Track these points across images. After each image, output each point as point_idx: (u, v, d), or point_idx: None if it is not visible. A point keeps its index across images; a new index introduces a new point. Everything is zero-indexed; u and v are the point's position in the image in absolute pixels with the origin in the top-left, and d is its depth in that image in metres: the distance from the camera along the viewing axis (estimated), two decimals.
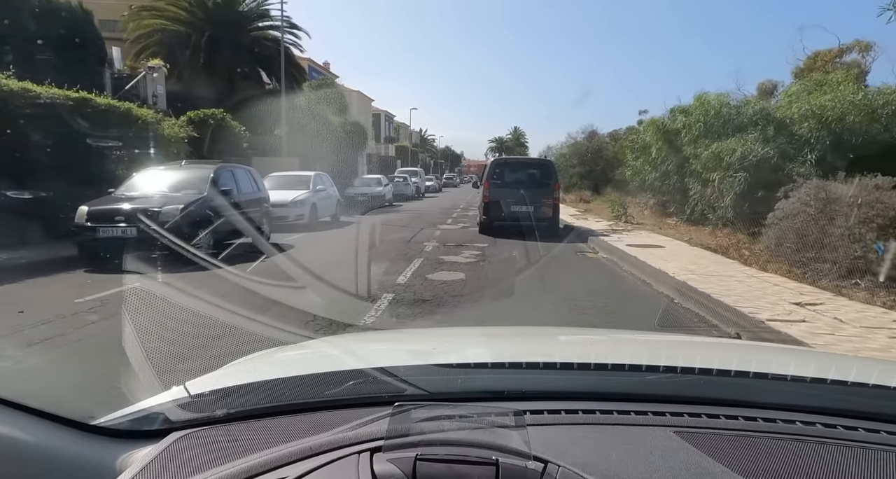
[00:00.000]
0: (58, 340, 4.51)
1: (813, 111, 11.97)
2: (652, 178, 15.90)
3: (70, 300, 5.86)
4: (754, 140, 12.08)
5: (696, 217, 14.15)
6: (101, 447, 0.96)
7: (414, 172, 38.98)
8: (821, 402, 1.07)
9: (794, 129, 12.38)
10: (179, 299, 4.94)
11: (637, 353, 1.49)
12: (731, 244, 10.79)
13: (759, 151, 11.49)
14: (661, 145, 14.81)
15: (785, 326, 5.19)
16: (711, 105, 13.71)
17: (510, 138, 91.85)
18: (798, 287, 7.10)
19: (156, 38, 23.70)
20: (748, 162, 11.50)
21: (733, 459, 0.87)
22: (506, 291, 6.98)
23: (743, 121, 13.25)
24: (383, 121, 60.19)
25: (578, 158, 36.41)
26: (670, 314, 6.08)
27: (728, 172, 11.67)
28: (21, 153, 9.50)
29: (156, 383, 1.85)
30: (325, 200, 16.17)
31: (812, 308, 5.97)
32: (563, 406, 1.02)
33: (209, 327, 4.03)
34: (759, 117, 13.03)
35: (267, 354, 1.58)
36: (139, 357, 2.42)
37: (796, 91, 13.21)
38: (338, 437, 0.89)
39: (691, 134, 13.60)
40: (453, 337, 1.97)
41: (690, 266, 8.36)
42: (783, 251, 8.91)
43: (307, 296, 5.94)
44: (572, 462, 0.81)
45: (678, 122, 14.30)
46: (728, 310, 5.76)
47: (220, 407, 1.03)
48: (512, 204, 13.13)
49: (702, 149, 12.92)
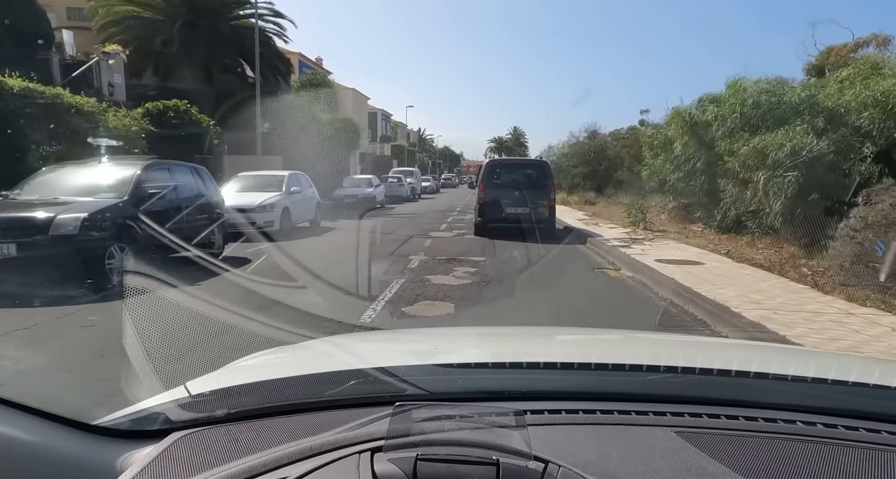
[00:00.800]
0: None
1: (875, 98, 9.97)
2: (674, 178, 13.89)
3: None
4: (803, 133, 10.08)
5: (728, 224, 12.15)
6: (101, 447, 0.96)
7: (409, 173, 36.92)
8: (822, 402, 1.05)
9: (850, 119, 10.39)
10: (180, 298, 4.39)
11: (638, 353, 1.47)
12: (784, 260, 8.81)
13: (815, 145, 9.48)
14: (686, 140, 12.79)
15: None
16: (748, 92, 11.70)
17: (510, 138, 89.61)
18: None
19: (125, 26, 21.71)
20: (801, 159, 9.49)
21: (734, 459, 0.86)
22: None
23: (785, 111, 11.25)
24: (380, 120, 58.34)
25: (581, 157, 34.98)
26: (671, 315, 5.69)
27: (776, 171, 9.66)
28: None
29: (156, 384, 1.65)
30: (301, 204, 14.17)
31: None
32: (564, 406, 1.02)
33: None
34: (806, 107, 11.04)
35: (267, 354, 1.56)
36: (140, 357, 2.17)
37: (849, 76, 11.19)
38: (338, 437, 0.90)
39: (725, 127, 11.58)
40: (454, 337, 1.97)
41: (754, 295, 6.36)
42: (862, 272, 6.94)
43: (224, 341, 4.00)
44: (573, 462, 0.82)
45: (708, 113, 12.27)
46: None
47: (220, 407, 1.02)
48: (508, 205, 12.86)
49: (740, 144, 10.91)
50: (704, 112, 12.57)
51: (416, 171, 40.24)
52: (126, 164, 7.92)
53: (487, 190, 13.18)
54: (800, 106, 11.12)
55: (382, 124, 59.59)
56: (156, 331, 3.05)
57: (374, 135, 53.11)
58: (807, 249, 9.25)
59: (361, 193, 23.22)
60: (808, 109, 10.98)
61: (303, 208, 14.34)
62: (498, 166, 14.63)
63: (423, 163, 65.81)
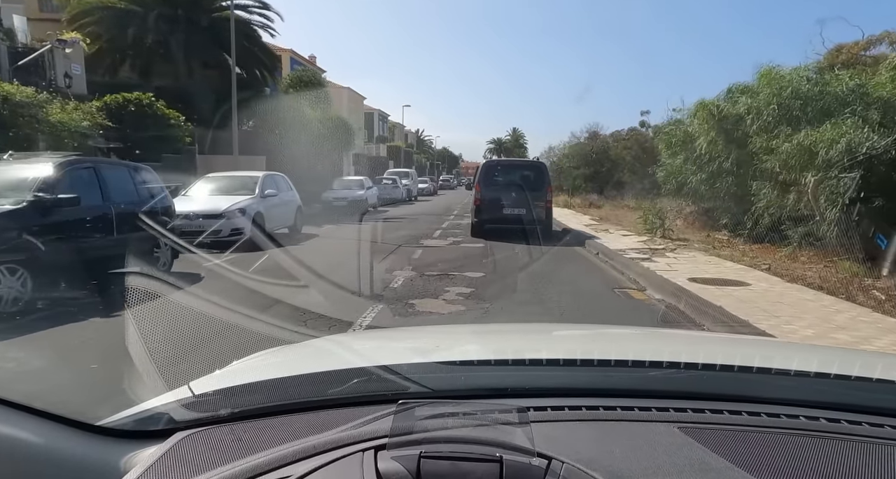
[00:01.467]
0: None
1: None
2: (696, 180, 12.35)
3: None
4: (854, 126, 8.56)
5: (760, 232, 10.63)
6: (105, 448, 0.96)
7: (406, 174, 35.34)
8: (824, 397, 1.05)
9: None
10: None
11: (640, 349, 1.48)
12: (845, 280, 7.28)
13: (877, 141, 7.97)
14: (713, 137, 11.23)
15: None
16: (787, 81, 10.15)
17: (509, 139, 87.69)
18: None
19: (97, 16, 20.16)
20: (859, 157, 7.97)
21: (737, 454, 0.86)
22: None
23: (830, 102, 9.74)
24: (377, 120, 56.57)
25: (582, 159, 33.44)
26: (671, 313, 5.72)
27: (829, 171, 8.13)
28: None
29: (160, 384, 1.63)
30: (277, 209, 12.65)
31: None
32: (567, 403, 1.02)
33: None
34: (855, 97, 9.53)
35: (270, 353, 1.55)
36: (143, 357, 2.14)
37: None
38: (342, 435, 0.89)
39: (761, 120, 10.03)
40: (456, 335, 1.96)
41: (838, 334, 4.83)
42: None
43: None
44: (576, 459, 0.82)
45: (740, 105, 10.71)
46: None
47: (224, 407, 1.02)
48: (504, 206, 12.79)
49: (780, 140, 9.37)
50: (735, 104, 11.00)
51: (412, 172, 38.45)
52: (35, 162, 6.36)
53: (484, 191, 13.05)
54: (847, 97, 9.60)
55: (379, 125, 57.84)
56: (159, 331, 2.95)
57: (371, 136, 51.59)
58: (865, 264, 7.75)
59: (352, 196, 21.65)
60: (857, 99, 9.47)
61: (280, 213, 12.83)
62: (494, 167, 14.63)
63: (421, 164, 64.12)
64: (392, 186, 29.23)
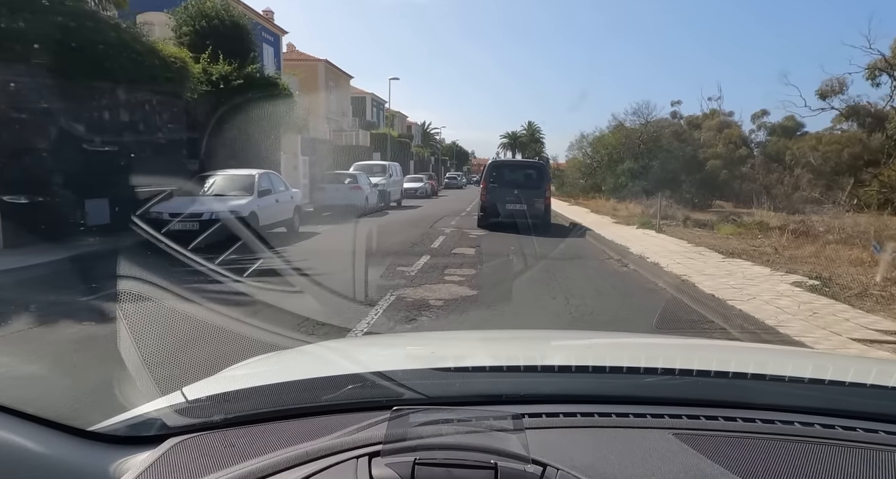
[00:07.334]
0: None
1: None
2: None
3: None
4: None
5: None
6: (97, 453, 0.96)
7: (381, 169, 24.86)
8: (819, 402, 1.06)
9: None
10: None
11: (635, 355, 1.47)
12: None
13: None
14: None
15: None
16: None
17: (524, 133, 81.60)
18: None
19: None
20: None
21: (732, 460, 0.87)
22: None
23: None
24: (369, 105, 47.89)
25: (630, 150, 25.63)
26: (668, 316, 5.90)
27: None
28: None
29: (152, 389, 1.60)
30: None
31: None
32: (562, 409, 1.02)
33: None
34: None
35: (264, 358, 1.56)
36: (136, 362, 2.16)
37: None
38: (336, 442, 0.90)
39: None
40: (451, 341, 1.99)
41: None
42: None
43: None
44: (571, 465, 0.82)
45: None
46: None
47: (217, 412, 1.03)
48: (507, 203, 14.36)
49: None
50: None
51: (391, 166, 26.28)
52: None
53: (489, 189, 14.87)
54: None
55: (372, 111, 48.83)
56: (151, 335, 2.94)
57: (363, 122, 43.28)
58: None
59: (210, 211, 10.26)
60: None
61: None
62: (500, 167, 16.43)
63: (425, 159, 57.30)
64: (347, 187, 19.06)
